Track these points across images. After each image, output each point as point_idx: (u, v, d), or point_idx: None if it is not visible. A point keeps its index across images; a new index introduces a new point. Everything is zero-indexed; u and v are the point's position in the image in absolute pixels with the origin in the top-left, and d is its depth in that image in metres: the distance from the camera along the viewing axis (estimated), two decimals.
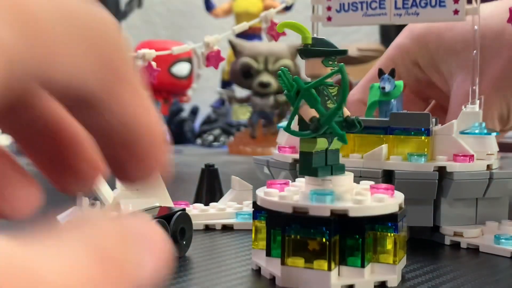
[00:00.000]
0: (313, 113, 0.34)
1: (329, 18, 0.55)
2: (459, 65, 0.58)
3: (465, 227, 0.45)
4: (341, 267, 0.34)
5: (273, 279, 0.35)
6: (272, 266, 0.35)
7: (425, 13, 0.51)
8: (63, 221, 0.45)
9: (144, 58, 0.49)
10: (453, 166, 0.44)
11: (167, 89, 1.17)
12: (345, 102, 0.34)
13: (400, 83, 0.50)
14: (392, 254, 0.34)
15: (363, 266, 0.33)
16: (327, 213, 0.33)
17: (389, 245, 0.34)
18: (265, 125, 1.21)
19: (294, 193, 0.36)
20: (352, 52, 1.19)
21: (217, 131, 1.42)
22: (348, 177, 0.37)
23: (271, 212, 0.35)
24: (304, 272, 0.33)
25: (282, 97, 1.21)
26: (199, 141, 1.46)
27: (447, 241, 0.45)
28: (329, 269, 0.33)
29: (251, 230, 0.49)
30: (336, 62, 0.36)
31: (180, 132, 1.46)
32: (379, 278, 0.34)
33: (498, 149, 0.47)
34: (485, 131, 0.47)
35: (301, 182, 0.38)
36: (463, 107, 0.49)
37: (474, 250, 0.43)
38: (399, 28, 0.65)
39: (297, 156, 0.49)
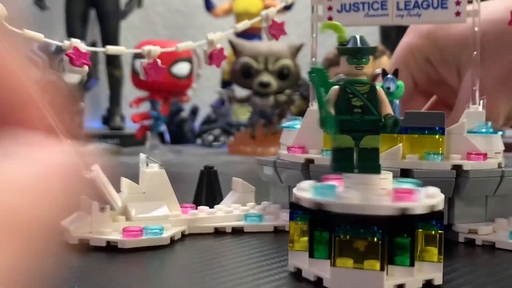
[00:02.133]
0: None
1: (329, 18, 0.54)
2: (468, 59, 0.58)
3: (478, 224, 0.46)
4: (389, 267, 0.33)
5: (317, 280, 0.34)
6: (317, 268, 0.34)
7: (427, 14, 0.52)
8: (68, 224, 0.43)
9: (150, 55, 0.47)
10: (468, 165, 0.45)
11: (167, 89, 1.16)
12: (323, 103, 0.33)
13: (401, 83, 0.51)
14: (437, 252, 0.34)
15: (412, 265, 0.33)
16: (370, 212, 0.33)
17: (434, 243, 0.34)
18: (265, 125, 1.20)
19: None
20: None
21: (217, 131, 1.40)
22: (387, 176, 0.36)
23: (314, 212, 0.34)
24: (354, 273, 0.32)
25: (282, 97, 1.21)
26: (199, 141, 1.46)
27: (461, 239, 0.45)
28: (382, 269, 0.32)
29: (261, 232, 0.48)
30: (364, 60, 0.35)
31: (180, 132, 1.45)
32: (426, 276, 0.34)
33: (504, 148, 0.49)
34: (491, 130, 0.48)
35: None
36: (466, 106, 0.50)
37: (489, 247, 0.44)
38: (400, 28, 0.65)
39: (309, 156, 0.49)
